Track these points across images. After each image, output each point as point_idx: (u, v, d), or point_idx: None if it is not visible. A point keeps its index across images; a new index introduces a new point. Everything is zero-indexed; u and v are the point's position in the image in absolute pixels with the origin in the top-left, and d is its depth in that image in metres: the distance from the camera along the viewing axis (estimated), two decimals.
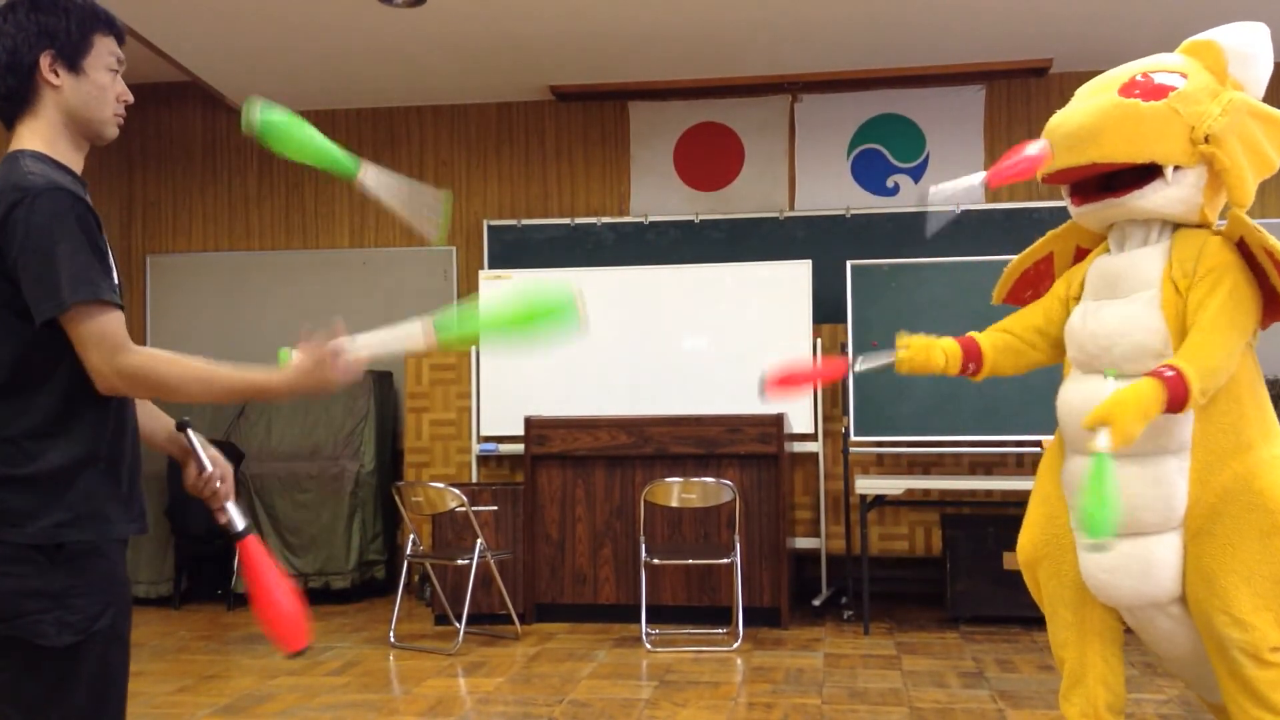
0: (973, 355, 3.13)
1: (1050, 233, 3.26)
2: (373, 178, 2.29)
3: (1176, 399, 2.61)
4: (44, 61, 1.95)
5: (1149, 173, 2.80)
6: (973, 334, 3.18)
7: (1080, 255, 3.18)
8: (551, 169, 7.76)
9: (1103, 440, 2.58)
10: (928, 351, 3.09)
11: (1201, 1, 5.99)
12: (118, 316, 1.87)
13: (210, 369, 1.93)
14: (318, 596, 6.86)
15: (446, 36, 6.61)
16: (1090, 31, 6.51)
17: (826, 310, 6.84)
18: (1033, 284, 3.32)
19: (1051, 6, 6.25)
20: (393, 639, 5.76)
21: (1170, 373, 2.63)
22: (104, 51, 2.02)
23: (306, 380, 1.96)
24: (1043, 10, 6.30)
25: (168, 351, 1.94)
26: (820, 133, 7.46)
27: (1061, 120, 2.91)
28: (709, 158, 7.56)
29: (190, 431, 2.09)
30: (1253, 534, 2.67)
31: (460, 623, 5.61)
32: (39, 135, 1.97)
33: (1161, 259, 2.83)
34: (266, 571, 2.00)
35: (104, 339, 1.85)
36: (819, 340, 6.80)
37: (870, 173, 7.42)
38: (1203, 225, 2.87)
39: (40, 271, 1.83)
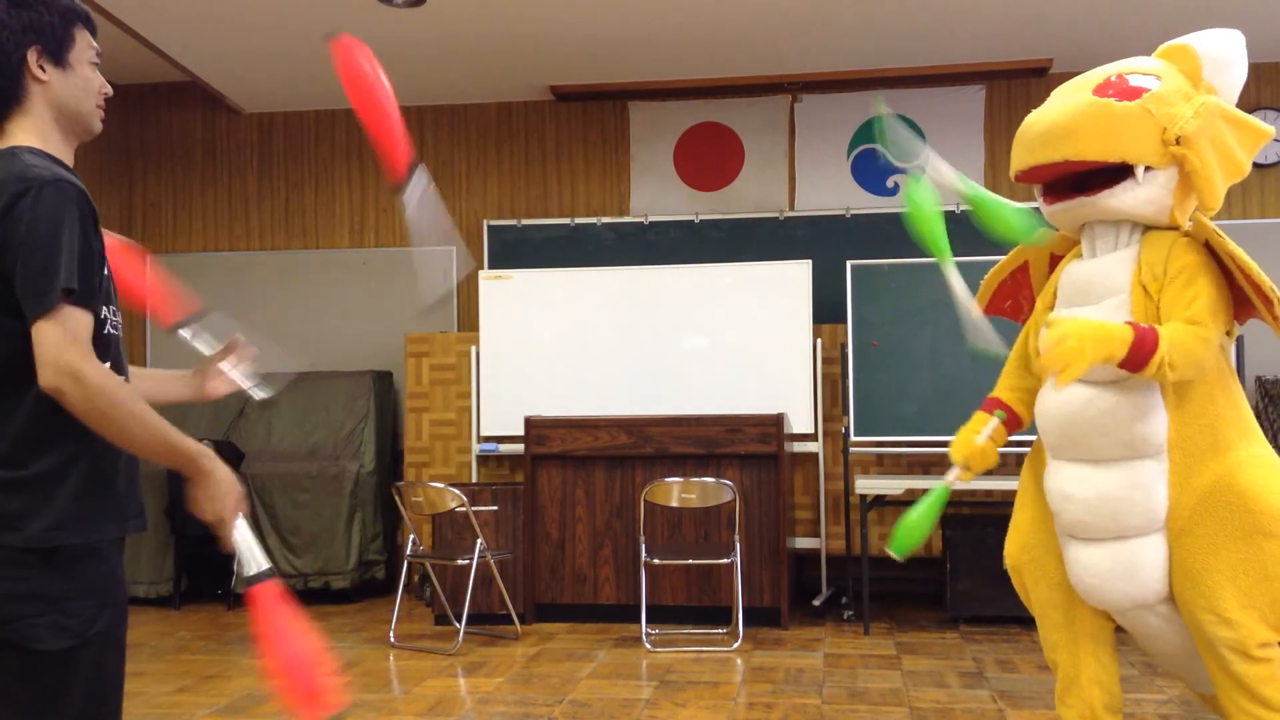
0: (1009, 418, 3.18)
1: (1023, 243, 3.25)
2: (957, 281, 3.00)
3: (1142, 350, 2.61)
4: (31, 58, 1.93)
5: (1120, 173, 2.80)
6: (996, 395, 3.20)
7: (1055, 262, 3.17)
8: (551, 169, 7.75)
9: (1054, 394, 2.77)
10: (983, 458, 3.17)
11: (1199, 2, 6.00)
12: (90, 320, 1.81)
13: (150, 412, 1.83)
14: (318, 596, 6.86)
15: (446, 36, 6.61)
16: (1090, 31, 6.50)
17: (826, 310, 6.84)
18: (1010, 294, 3.33)
19: (1051, 6, 6.25)
20: (393, 639, 5.76)
21: (1145, 327, 2.65)
22: (84, 45, 2.00)
23: (211, 479, 1.87)
24: (1043, 10, 6.30)
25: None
26: (820, 133, 7.46)
27: (1036, 119, 2.91)
28: (709, 158, 7.56)
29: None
30: (1235, 534, 2.68)
31: (460, 623, 5.61)
32: (31, 132, 1.94)
33: (1130, 264, 2.83)
34: (283, 625, 1.84)
35: (78, 336, 1.77)
36: (819, 340, 6.80)
37: (870, 173, 7.42)
38: (1172, 228, 2.87)
39: (44, 263, 1.77)
